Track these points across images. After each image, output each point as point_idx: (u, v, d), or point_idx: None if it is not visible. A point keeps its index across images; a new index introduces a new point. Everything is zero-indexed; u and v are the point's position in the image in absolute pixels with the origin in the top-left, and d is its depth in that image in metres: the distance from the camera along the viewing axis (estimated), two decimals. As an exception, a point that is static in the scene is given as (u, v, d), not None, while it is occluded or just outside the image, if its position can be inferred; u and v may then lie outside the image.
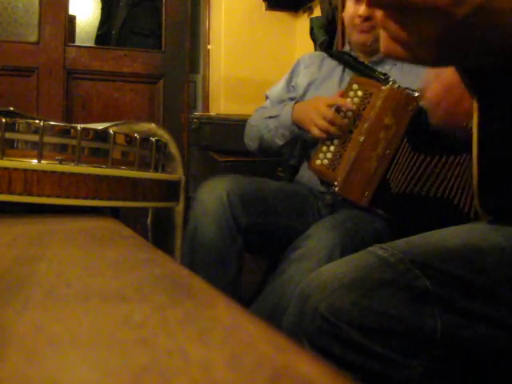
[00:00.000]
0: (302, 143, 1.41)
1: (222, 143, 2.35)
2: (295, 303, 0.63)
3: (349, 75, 1.36)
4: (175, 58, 1.86)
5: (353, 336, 0.55)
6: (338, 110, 1.20)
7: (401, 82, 1.21)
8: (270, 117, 1.36)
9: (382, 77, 1.23)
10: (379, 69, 1.36)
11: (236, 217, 1.15)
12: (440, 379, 0.57)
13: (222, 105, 3.30)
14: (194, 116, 2.48)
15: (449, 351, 0.56)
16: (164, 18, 1.88)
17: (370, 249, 0.63)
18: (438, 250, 0.59)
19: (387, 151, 1.14)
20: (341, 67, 1.41)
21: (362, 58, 1.41)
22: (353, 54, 1.43)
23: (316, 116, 1.20)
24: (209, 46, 3.64)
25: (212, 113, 3.18)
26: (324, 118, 1.19)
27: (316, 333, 0.57)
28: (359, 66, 1.35)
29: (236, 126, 2.28)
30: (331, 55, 1.46)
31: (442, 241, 0.62)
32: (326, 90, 1.39)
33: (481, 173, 0.56)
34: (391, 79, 1.19)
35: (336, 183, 1.19)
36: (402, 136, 1.14)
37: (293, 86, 1.47)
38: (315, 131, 1.20)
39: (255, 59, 3.27)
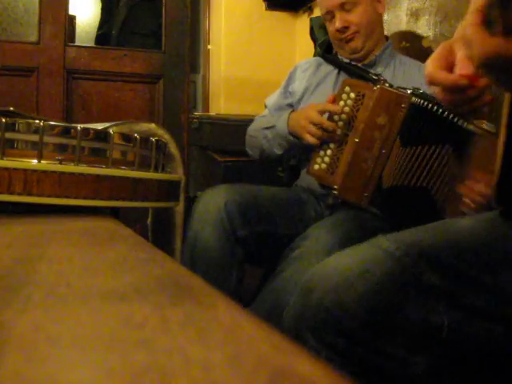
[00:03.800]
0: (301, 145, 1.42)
1: (222, 143, 2.35)
2: (298, 295, 0.62)
3: (343, 78, 1.37)
4: (175, 57, 1.86)
5: (357, 331, 0.54)
6: (330, 116, 1.21)
7: (392, 80, 1.22)
8: (267, 127, 1.38)
9: (375, 77, 1.23)
10: (372, 71, 1.37)
11: (235, 228, 1.14)
12: (443, 376, 0.56)
13: (222, 105, 3.30)
14: (194, 116, 2.48)
15: (453, 348, 0.55)
16: (164, 18, 1.88)
17: (374, 240, 0.61)
18: (444, 243, 0.58)
19: (383, 151, 1.15)
20: (336, 71, 1.43)
21: (354, 62, 1.43)
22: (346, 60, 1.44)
23: (307, 123, 1.21)
24: (209, 46, 3.64)
25: (212, 113, 3.19)
26: (315, 125, 1.19)
27: (320, 326, 0.56)
28: (353, 69, 1.36)
29: (236, 126, 2.28)
30: (327, 60, 1.47)
31: (449, 233, 0.61)
32: (320, 94, 1.40)
33: (504, 164, 0.55)
34: (382, 79, 1.20)
35: (336, 186, 1.19)
36: (396, 134, 1.14)
37: (290, 92, 1.49)
38: (308, 138, 1.21)
39: (255, 59, 3.27)
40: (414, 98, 1.12)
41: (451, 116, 1.11)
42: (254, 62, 3.27)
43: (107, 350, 0.18)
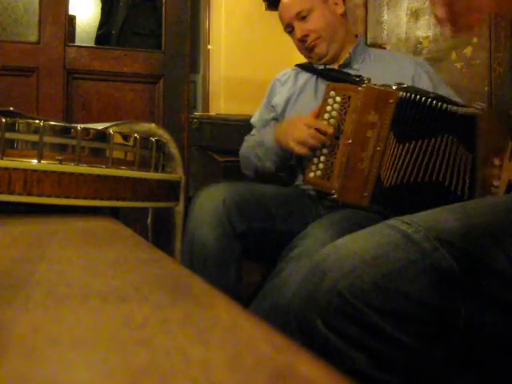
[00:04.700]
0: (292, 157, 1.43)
1: (222, 143, 2.34)
2: (308, 277, 0.59)
3: (322, 84, 1.37)
4: (175, 57, 1.86)
5: (372, 319, 0.51)
6: (317, 130, 1.21)
7: (371, 75, 1.22)
8: (256, 145, 1.39)
9: (357, 79, 1.23)
10: (348, 70, 1.38)
11: (233, 224, 1.14)
12: (459, 367, 0.54)
13: (222, 105, 3.30)
14: (194, 116, 2.48)
15: (470, 339, 0.53)
16: (164, 18, 1.88)
17: (391, 222, 0.58)
18: (463, 228, 0.55)
19: (377, 148, 1.15)
20: (314, 78, 1.43)
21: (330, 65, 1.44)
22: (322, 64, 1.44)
23: (294, 133, 1.21)
24: (209, 46, 3.64)
25: (212, 113, 3.18)
26: (302, 133, 1.20)
27: (332, 312, 0.54)
28: (332, 73, 1.37)
29: (236, 126, 2.28)
30: (304, 68, 1.48)
31: (467, 216, 0.58)
32: (302, 103, 1.42)
33: None
34: (365, 79, 1.20)
35: (333, 191, 1.19)
36: (388, 130, 1.15)
37: (272, 106, 1.50)
38: (295, 147, 1.21)
39: (255, 59, 3.27)
40: (400, 93, 1.13)
41: (440, 104, 1.12)
42: (254, 62, 3.27)
43: (107, 350, 0.18)
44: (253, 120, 1.56)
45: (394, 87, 1.16)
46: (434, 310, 0.52)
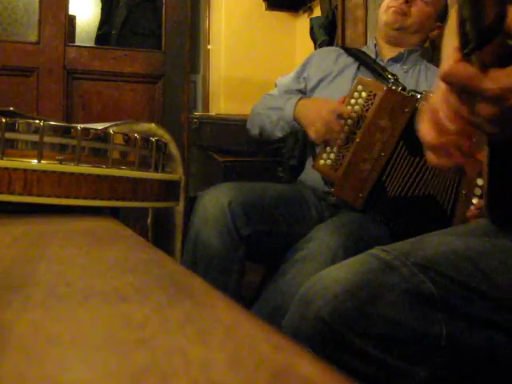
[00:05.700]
0: (303, 141, 1.41)
1: (222, 143, 2.35)
2: (295, 307, 0.62)
3: (363, 74, 1.35)
4: (175, 58, 1.86)
5: (356, 343, 0.53)
6: (339, 116, 1.20)
7: (416, 86, 1.19)
8: (274, 108, 1.36)
9: (391, 77, 1.22)
10: (397, 67, 1.35)
11: (238, 226, 1.14)
12: None
13: (222, 105, 3.31)
14: (194, 116, 2.48)
15: (454, 358, 0.55)
16: (164, 18, 1.88)
17: (372, 251, 0.61)
18: (441, 253, 0.58)
19: (382, 153, 1.14)
20: (355, 65, 1.41)
21: (383, 51, 1.40)
22: (375, 49, 1.41)
23: (316, 120, 1.20)
24: (209, 46, 3.65)
25: (212, 113, 3.19)
26: (324, 124, 1.18)
27: (317, 338, 0.56)
28: (373, 64, 1.35)
29: (236, 126, 2.28)
30: (348, 51, 1.46)
31: (446, 242, 0.60)
32: (336, 86, 1.38)
33: (491, 180, 0.55)
34: (392, 80, 1.19)
35: (336, 184, 1.19)
36: (397, 138, 1.13)
37: (304, 78, 1.46)
38: (313, 136, 1.20)
39: (255, 59, 3.27)
40: (419, 104, 1.12)
41: None
42: (254, 62, 3.27)
43: (107, 350, 0.18)
44: (278, 81, 1.51)
45: (418, 96, 1.13)
46: (415, 331, 0.54)
